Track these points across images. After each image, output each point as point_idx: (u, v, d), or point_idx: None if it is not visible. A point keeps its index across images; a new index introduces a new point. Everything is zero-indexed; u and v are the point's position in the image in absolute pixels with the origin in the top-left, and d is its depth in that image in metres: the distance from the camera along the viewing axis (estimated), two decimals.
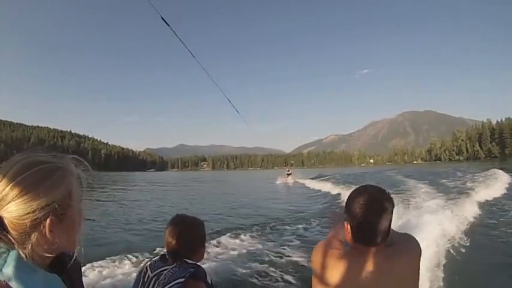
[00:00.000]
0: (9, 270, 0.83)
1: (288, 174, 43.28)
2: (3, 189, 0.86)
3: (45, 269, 0.91)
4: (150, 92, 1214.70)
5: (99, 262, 7.25)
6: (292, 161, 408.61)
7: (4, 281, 0.81)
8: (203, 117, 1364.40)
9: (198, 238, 1.92)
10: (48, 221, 0.88)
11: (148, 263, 1.87)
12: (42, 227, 0.87)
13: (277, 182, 40.19)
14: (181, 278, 1.69)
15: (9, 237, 0.85)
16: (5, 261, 0.84)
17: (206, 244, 1.85)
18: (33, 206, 0.86)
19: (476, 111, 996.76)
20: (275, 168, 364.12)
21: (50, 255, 0.93)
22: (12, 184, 0.86)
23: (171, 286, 1.67)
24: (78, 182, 0.97)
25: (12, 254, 0.85)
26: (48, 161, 0.92)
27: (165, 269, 1.76)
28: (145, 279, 1.78)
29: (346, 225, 1.61)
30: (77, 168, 0.98)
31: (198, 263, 1.82)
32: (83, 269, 1.17)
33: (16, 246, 0.86)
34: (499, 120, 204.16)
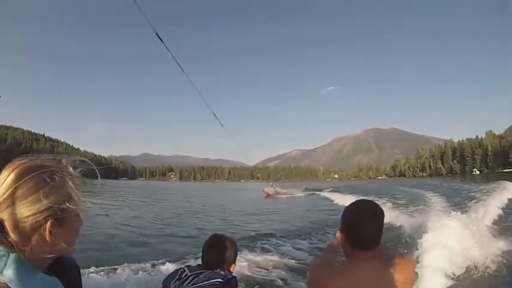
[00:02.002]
0: (9, 272, 0.84)
1: (268, 193, 45.42)
2: (4, 193, 0.88)
3: (44, 271, 0.94)
4: (113, 98, 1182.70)
5: (99, 268, 7.42)
6: (258, 174, 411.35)
7: (4, 282, 0.83)
8: (167, 126, 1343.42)
9: (231, 256, 2.22)
10: (48, 223, 0.91)
11: (186, 266, 2.12)
12: (42, 230, 0.90)
13: (263, 195, 43.20)
14: (221, 279, 1.94)
15: (9, 240, 0.87)
16: (5, 264, 0.85)
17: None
18: (34, 209, 0.88)
19: (439, 129, 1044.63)
20: (241, 181, 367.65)
21: (49, 258, 0.96)
22: (13, 187, 0.88)
23: (211, 282, 1.92)
24: (77, 186, 1.00)
25: (12, 257, 0.87)
26: (48, 165, 0.95)
27: (205, 271, 2.02)
28: (183, 276, 2.01)
29: (342, 235, 1.82)
30: (75, 172, 1.02)
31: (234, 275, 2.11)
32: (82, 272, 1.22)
33: (16, 249, 0.88)
34: (460, 140, 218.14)
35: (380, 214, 1.76)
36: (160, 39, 3.74)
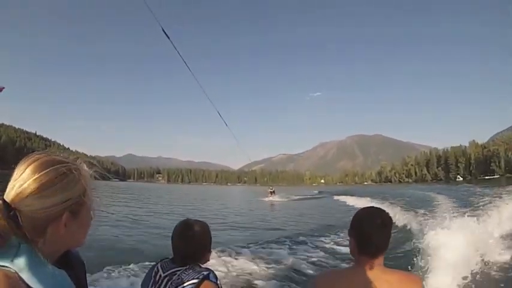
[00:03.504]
0: (20, 261, 0.88)
1: (271, 192, 46.84)
2: (23, 184, 0.92)
3: (53, 264, 0.97)
4: (98, 97, 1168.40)
5: (105, 265, 7.85)
6: (245, 178, 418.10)
7: (15, 271, 0.87)
8: (151, 128, 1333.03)
9: (205, 242, 2.06)
10: (64, 216, 0.95)
11: (159, 264, 2.01)
12: (57, 222, 0.95)
13: (265, 199, 43.55)
14: (195, 279, 1.82)
15: (24, 231, 0.90)
16: (16, 253, 0.89)
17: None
18: (51, 201, 0.93)
19: (423, 136, 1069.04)
20: (228, 184, 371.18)
21: (59, 251, 1.02)
22: (32, 179, 0.92)
23: (185, 287, 1.81)
24: (91, 183, 1.06)
25: (24, 247, 0.90)
26: (66, 161, 1.00)
27: (178, 270, 1.90)
28: (157, 279, 1.92)
29: (352, 240, 1.92)
30: (90, 170, 1.09)
31: (210, 267, 1.99)
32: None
33: (29, 240, 0.91)
34: (445, 149, 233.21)
35: (388, 221, 1.87)
36: (167, 36, 3.68)
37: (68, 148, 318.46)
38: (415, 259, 7.43)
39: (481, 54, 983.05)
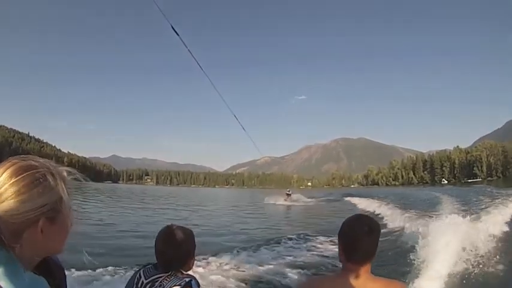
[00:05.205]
0: None
1: (288, 195, 46.92)
2: None
3: (32, 271, 0.97)
4: (81, 97, 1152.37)
5: (82, 271, 7.90)
6: (233, 180, 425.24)
7: None
8: (135, 129, 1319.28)
9: (188, 248, 2.06)
10: (40, 222, 0.95)
11: (142, 270, 2.02)
12: (33, 228, 0.95)
13: (278, 203, 42.77)
14: (177, 286, 1.84)
15: (1, 236, 0.90)
16: None
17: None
18: (27, 206, 0.93)
19: (408, 140, 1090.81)
20: (216, 186, 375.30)
21: (38, 258, 1.02)
22: (8, 184, 0.93)
23: None
24: (68, 189, 1.05)
25: (1, 254, 0.89)
26: (42, 167, 1.00)
27: (160, 277, 1.92)
28: (139, 286, 1.93)
29: (339, 247, 1.98)
30: (68, 177, 1.08)
31: (192, 274, 2.01)
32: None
33: (7, 247, 0.91)
34: (430, 153, 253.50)
35: (376, 229, 1.92)
36: (177, 33, 3.70)
37: (60, 149, 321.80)
38: (407, 262, 8.13)
39: (464, 63, 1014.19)
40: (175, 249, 2.00)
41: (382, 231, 11.82)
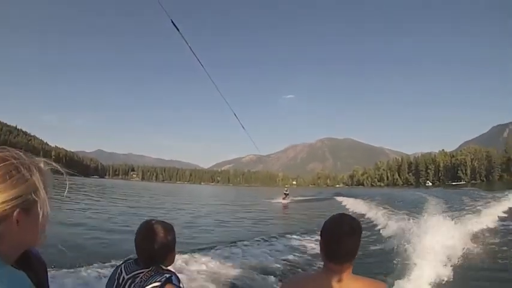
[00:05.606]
0: None
1: (286, 194, 45.48)
2: None
3: (12, 265, 0.96)
4: (70, 91, 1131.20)
5: (67, 266, 7.73)
6: (219, 178, 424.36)
7: None
8: (121, 123, 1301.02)
9: (168, 243, 2.05)
10: (15, 213, 0.94)
11: (123, 265, 2.02)
12: (9, 219, 0.93)
13: (276, 201, 43.45)
14: (158, 282, 1.84)
15: None
16: None
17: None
18: (1, 198, 0.92)
19: (394, 142, 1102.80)
20: (202, 183, 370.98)
21: (16, 251, 1.00)
22: None
23: None
24: (45, 181, 1.04)
25: None
26: (18, 158, 0.99)
27: (141, 272, 1.92)
28: (120, 281, 1.93)
29: (321, 246, 1.96)
30: (45, 167, 1.06)
31: (173, 270, 2.00)
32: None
33: None
34: (416, 155, 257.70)
35: (357, 229, 1.89)
36: (177, 29, 3.60)
37: (47, 143, 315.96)
38: (392, 262, 8.37)
39: (452, 68, 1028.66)
40: (155, 244, 1.98)
41: (368, 230, 12.30)
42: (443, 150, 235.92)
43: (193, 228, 16.45)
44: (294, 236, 14.16)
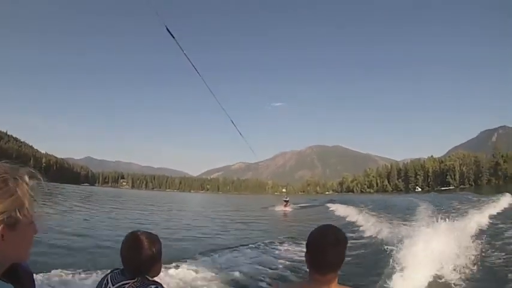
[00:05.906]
0: None
1: (286, 201, 45.03)
2: None
3: None
4: (56, 93, 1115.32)
5: (53, 273, 7.82)
6: (208, 186, 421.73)
7: None
8: (110, 131, 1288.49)
9: (154, 254, 2.05)
10: (0, 228, 0.92)
11: (109, 275, 2.03)
12: None
13: (276, 209, 43.29)
14: None
15: None
16: None
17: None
18: None
19: (382, 149, 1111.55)
20: (191, 191, 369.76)
21: (1, 266, 0.98)
22: None
23: None
24: (31, 195, 1.02)
25: None
26: (3, 172, 0.97)
27: (127, 283, 1.93)
28: None
29: (307, 257, 2.00)
30: (31, 181, 1.03)
31: (158, 280, 2.03)
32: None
33: None
34: (405, 162, 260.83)
35: (342, 240, 1.93)
36: (172, 36, 3.57)
37: (37, 150, 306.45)
38: (382, 269, 8.37)
39: (440, 74, 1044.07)
40: (141, 256, 2.00)
41: (358, 237, 12.66)
42: (432, 156, 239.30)
43: (181, 239, 16.25)
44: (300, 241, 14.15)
